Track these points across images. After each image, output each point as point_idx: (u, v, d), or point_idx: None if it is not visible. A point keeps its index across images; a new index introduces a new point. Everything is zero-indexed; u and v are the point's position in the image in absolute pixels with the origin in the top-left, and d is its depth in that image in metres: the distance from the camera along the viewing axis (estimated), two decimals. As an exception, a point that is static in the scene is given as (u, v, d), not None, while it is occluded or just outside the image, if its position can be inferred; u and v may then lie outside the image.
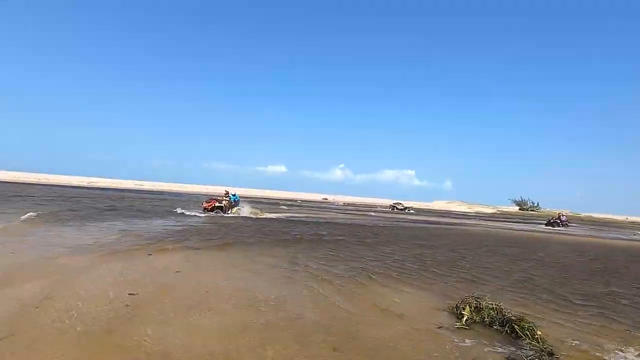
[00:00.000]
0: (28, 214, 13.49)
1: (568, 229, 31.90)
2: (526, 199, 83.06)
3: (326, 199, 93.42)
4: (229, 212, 20.41)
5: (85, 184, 70.88)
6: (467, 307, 5.06)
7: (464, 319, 4.81)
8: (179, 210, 20.45)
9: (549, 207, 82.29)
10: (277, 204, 43.92)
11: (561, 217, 34.85)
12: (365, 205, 66.15)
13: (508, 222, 38.75)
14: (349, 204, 67.36)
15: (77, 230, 11.15)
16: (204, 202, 20.63)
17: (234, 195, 21.50)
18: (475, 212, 67.04)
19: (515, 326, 4.48)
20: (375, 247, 11.48)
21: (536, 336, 4.25)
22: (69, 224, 12.38)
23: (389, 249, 11.19)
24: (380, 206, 63.10)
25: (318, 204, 57.17)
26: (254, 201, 36.65)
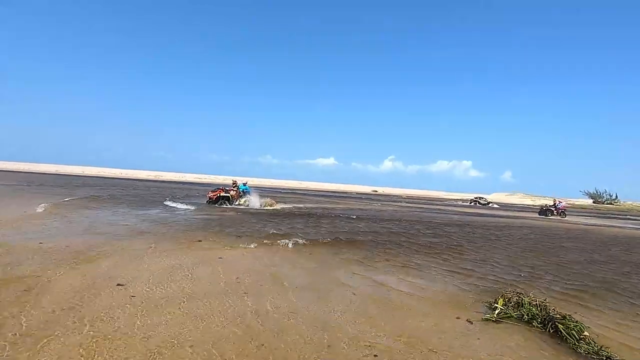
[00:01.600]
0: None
1: (565, 217, 28.41)
2: (602, 191, 73.85)
3: (376, 191, 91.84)
4: (236, 202, 18.75)
5: (152, 177, 77.70)
6: (502, 299, 4.44)
7: (496, 311, 4.22)
8: (169, 203, 17.60)
9: (633, 200, 72.57)
10: (307, 195, 42.34)
11: (557, 204, 29.77)
12: (427, 199, 63.42)
13: (593, 217, 34.66)
14: (408, 197, 64.96)
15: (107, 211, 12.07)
16: (210, 192, 19.32)
17: (244, 185, 20.19)
18: (540, 206, 61.16)
19: (559, 325, 3.81)
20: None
21: (582, 337, 3.56)
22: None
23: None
24: (457, 200, 58.74)
25: (367, 196, 56.41)
26: (284, 193, 36.90)
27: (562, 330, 3.73)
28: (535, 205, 57.20)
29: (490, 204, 49.32)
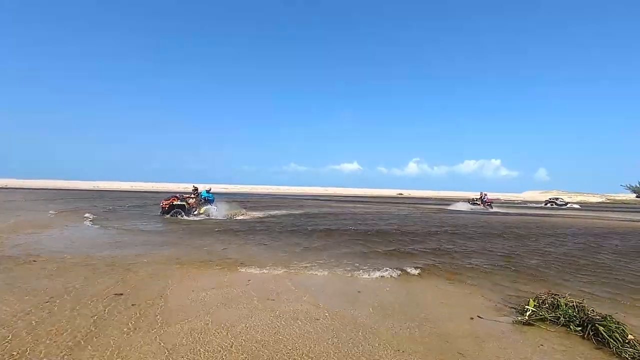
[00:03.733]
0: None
1: (492, 209, 28.09)
2: (646, 184, 68.77)
3: (401, 194, 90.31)
4: (195, 212, 15.94)
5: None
6: (533, 301, 4.13)
7: (528, 313, 3.92)
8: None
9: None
10: (309, 200, 41.54)
11: (483, 196, 29.05)
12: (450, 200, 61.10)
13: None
14: (435, 198, 60.37)
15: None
16: (163, 200, 16.49)
17: (207, 191, 17.10)
18: (579, 202, 57.81)
19: (600, 327, 3.48)
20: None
21: (627, 340, 3.23)
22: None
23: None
24: (532, 202, 54.48)
25: (388, 200, 55.34)
26: (279, 199, 36.54)
27: (604, 333, 3.41)
28: (573, 202, 54.00)
29: (568, 205, 44.61)
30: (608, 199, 62.37)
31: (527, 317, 3.88)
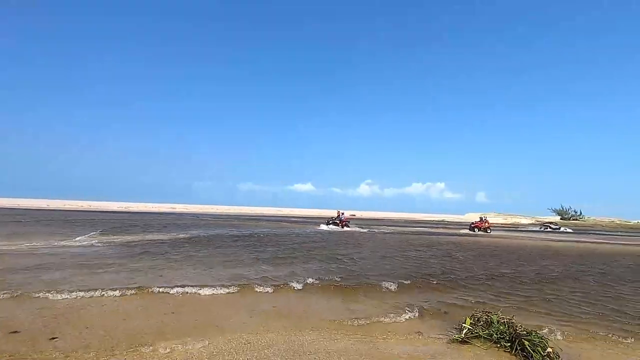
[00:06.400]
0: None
1: (348, 228, 26.37)
2: (567, 207, 77.38)
3: (354, 215, 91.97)
4: None
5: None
6: (470, 319, 4.40)
7: (464, 331, 4.16)
8: None
9: (599, 215, 76.33)
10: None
11: (340, 216, 27.50)
12: (408, 221, 63.27)
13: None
14: (389, 220, 61.00)
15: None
16: None
17: None
18: (512, 224, 63.21)
19: (525, 342, 3.78)
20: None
21: (547, 353, 3.54)
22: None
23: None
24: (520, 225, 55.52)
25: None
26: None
27: (528, 347, 3.71)
28: (507, 224, 58.87)
29: (562, 229, 44.27)
30: (537, 221, 68.92)
31: (463, 335, 4.11)
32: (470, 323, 4.32)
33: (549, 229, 43.23)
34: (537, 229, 45.82)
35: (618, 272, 9.82)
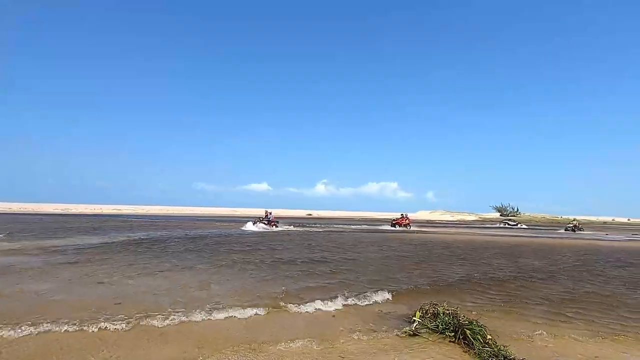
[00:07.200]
0: None
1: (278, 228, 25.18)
2: (506, 204, 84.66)
3: (310, 214, 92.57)
4: None
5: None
6: (419, 311, 4.68)
7: (414, 324, 4.42)
8: None
9: (534, 212, 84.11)
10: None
11: (268, 215, 25.61)
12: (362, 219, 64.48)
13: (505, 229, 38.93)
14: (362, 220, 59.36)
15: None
16: None
17: None
18: (458, 220, 67.69)
19: (467, 331, 4.11)
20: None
21: (487, 340, 3.89)
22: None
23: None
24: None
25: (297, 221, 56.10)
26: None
27: (470, 336, 4.03)
28: (454, 221, 62.93)
29: (519, 225, 47.59)
30: (480, 217, 74.53)
31: (413, 328, 4.36)
32: (420, 316, 4.60)
33: (507, 226, 46.55)
34: (497, 225, 49.31)
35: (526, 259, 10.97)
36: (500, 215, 78.19)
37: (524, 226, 46.81)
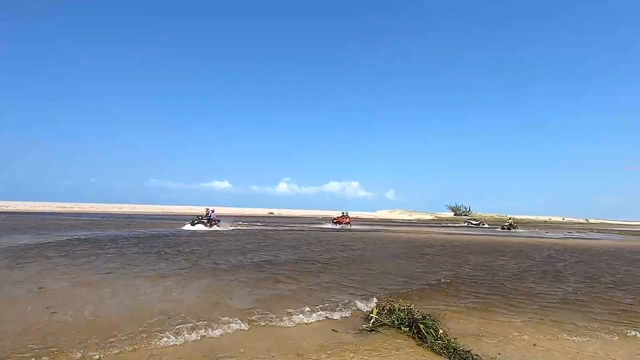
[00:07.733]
0: None
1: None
2: (460, 204, 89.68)
3: (272, 213, 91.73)
4: None
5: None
6: (376, 308, 4.84)
7: (372, 321, 4.56)
8: None
9: (485, 211, 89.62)
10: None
11: (210, 213, 24.27)
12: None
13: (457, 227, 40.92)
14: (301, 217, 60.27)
15: None
16: None
17: None
18: (416, 219, 70.52)
19: (421, 325, 4.32)
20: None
21: (440, 334, 4.11)
22: None
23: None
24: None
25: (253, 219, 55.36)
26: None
27: (423, 330, 4.23)
28: (412, 220, 65.48)
29: (481, 224, 49.03)
30: (436, 217, 78.24)
31: (370, 324, 4.50)
32: (377, 312, 4.76)
33: (471, 225, 48.07)
34: (461, 224, 50.86)
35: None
36: (455, 214, 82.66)
37: (486, 225, 48.23)
